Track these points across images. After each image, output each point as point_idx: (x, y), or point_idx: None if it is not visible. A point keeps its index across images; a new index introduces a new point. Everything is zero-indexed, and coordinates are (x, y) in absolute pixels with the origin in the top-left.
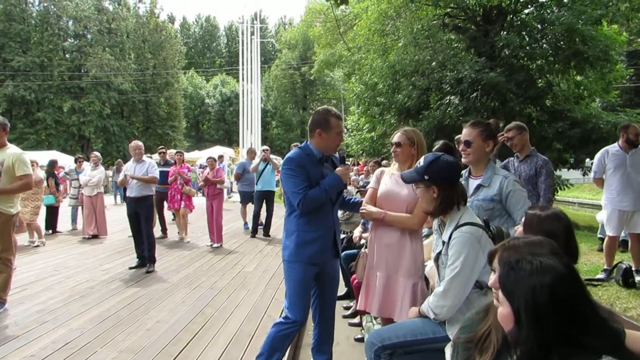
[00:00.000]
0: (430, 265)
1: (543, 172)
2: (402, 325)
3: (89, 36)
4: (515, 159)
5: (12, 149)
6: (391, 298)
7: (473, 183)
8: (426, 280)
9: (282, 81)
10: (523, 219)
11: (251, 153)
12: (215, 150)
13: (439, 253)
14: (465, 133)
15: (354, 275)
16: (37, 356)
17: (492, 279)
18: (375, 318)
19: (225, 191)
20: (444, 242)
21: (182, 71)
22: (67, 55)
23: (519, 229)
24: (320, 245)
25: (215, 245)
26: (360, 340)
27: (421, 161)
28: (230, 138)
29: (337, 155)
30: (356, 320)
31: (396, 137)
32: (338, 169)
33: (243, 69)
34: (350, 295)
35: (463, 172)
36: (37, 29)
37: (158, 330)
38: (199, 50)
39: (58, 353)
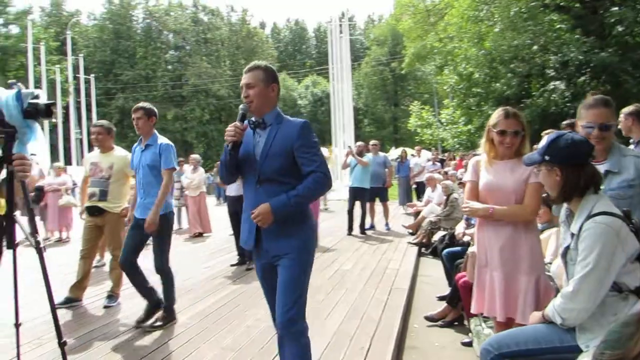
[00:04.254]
0: (556, 263)
1: None
2: (523, 331)
3: (187, 47)
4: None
5: (119, 152)
6: (512, 298)
7: None
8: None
9: (372, 78)
10: None
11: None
12: None
13: (567, 247)
14: (599, 114)
15: (458, 275)
16: (144, 347)
17: None
18: (485, 321)
19: None
20: (572, 235)
21: None
22: (169, 67)
23: None
24: (244, 231)
25: None
26: (468, 344)
27: (543, 140)
28: (323, 137)
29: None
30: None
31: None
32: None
33: (333, 69)
34: (455, 298)
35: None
36: (142, 44)
37: (257, 328)
38: (289, 53)
39: (163, 347)
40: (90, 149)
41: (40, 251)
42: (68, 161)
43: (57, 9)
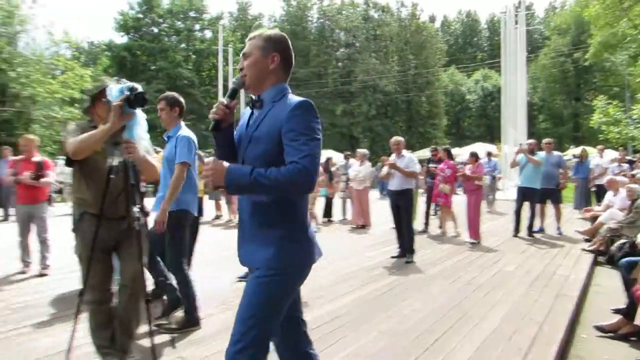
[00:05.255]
0: None
1: None
2: None
3: (357, 44)
4: None
5: None
6: None
7: None
8: None
9: (551, 70)
10: None
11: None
12: (476, 147)
13: None
14: None
15: (637, 286)
16: (312, 322)
17: None
18: None
19: (485, 189)
20: None
21: (442, 69)
22: (339, 64)
23: None
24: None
25: (472, 241)
26: None
27: None
28: (492, 134)
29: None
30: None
31: None
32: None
33: (506, 61)
34: (632, 310)
35: None
36: (315, 43)
37: (413, 318)
38: (459, 47)
39: (328, 324)
40: None
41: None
42: None
43: (243, 14)
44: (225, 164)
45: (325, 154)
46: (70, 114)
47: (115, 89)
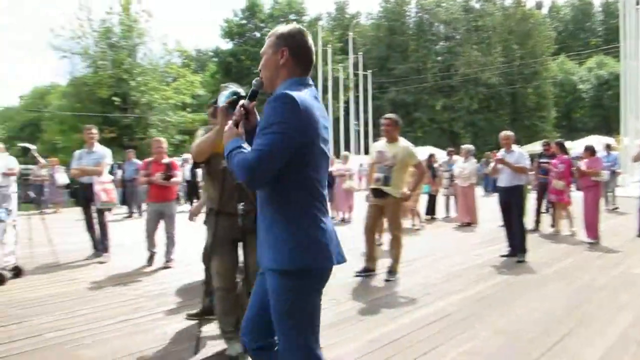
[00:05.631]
0: None
1: None
2: None
3: (457, 37)
4: None
5: (403, 143)
6: None
7: None
8: None
9: None
10: None
11: None
12: (592, 140)
13: None
14: None
15: None
16: (420, 320)
17: None
18: None
19: (603, 185)
20: None
21: (551, 58)
22: (439, 58)
23: None
24: None
25: (590, 241)
26: None
27: None
28: (609, 125)
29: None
30: None
31: None
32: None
33: (625, 46)
34: None
35: None
36: (414, 37)
37: (529, 318)
38: (570, 33)
39: (438, 322)
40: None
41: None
42: (347, 150)
43: (340, 13)
44: (239, 131)
45: (425, 150)
46: (183, 118)
47: (224, 94)
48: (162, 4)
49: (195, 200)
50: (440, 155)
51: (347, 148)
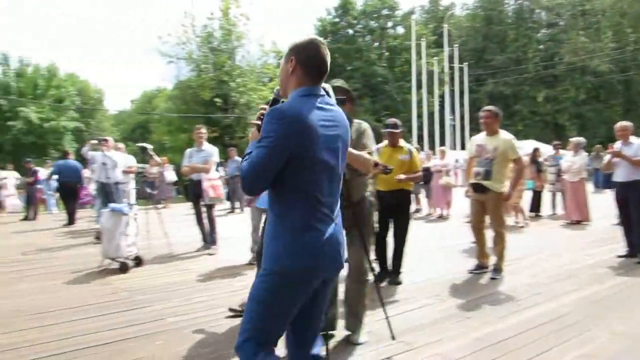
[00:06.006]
0: None
1: None
2: None
3: (561, 23)
4: None
5: (504, 135)
6: None
7: None
8: None
9: None
10: None
11: None
12: None
13: None
14: None
15: None
16: (531, 320)
17: None
18: None
19: None
20: None
21: None
22: (541, 47)
23: None
24: None
25: None
26: None
27: None
28: None
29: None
30: None
31: None
32: None
33: None
34: None
35: None
36: (512, 26)
37: None
38: None
39: (550, 324)
40: (471, 133)
41: None
42: (442, 145)
43: (434, 5)
44: (259, 135)
45: (527, 144)
46: None
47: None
48: (257, 6)
49: None
50: (545, 149)
51: (443, 143)
